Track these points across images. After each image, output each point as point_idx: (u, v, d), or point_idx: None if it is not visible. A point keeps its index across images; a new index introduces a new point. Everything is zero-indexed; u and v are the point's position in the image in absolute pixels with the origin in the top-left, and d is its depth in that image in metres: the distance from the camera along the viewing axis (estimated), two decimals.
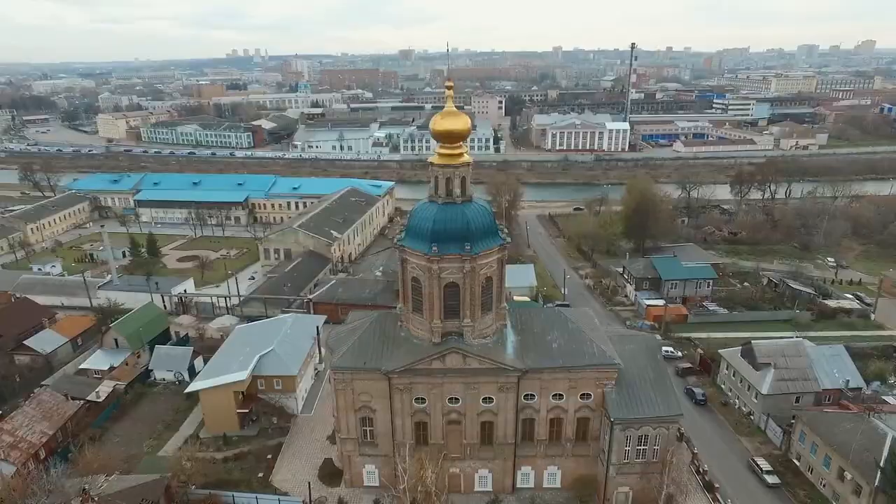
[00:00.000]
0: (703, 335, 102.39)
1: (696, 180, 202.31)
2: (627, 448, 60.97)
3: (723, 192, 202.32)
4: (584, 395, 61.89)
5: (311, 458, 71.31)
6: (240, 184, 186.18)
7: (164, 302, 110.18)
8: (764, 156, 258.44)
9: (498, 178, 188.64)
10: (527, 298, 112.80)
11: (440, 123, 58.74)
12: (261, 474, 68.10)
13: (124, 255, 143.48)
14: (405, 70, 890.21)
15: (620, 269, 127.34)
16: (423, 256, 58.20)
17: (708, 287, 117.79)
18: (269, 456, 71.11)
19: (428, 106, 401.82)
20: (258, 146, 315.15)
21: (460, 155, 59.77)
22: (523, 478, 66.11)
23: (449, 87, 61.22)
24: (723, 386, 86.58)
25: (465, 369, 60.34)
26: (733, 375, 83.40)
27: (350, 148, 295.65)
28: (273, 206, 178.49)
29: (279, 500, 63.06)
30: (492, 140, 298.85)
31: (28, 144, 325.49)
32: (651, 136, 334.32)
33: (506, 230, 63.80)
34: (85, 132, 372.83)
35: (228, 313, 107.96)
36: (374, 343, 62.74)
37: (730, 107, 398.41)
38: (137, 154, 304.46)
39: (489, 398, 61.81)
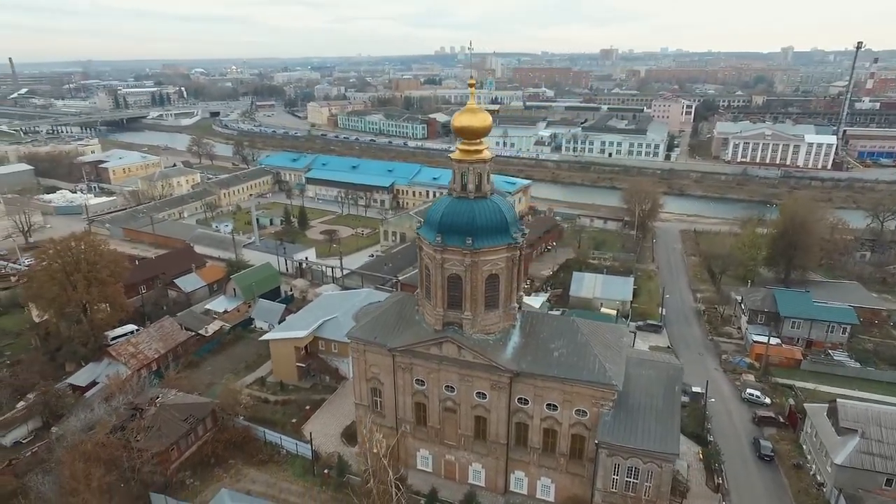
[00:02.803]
0: (812, 386, 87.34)
1: None
2: (615, 477, 57.00)
3: None
4: (579, 411, 59.13)
5: (343, 418, 78.60)
6: (389, 170, 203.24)
7: (286, 265, 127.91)
8: None
9: (638, 184, 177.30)
10: (613, 312, 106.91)
11: (458, 119, 60.79)
12: (294, 420, 77.42)
13: (282, 223, 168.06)
14: (603, 70, 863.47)
15: (739, 298, 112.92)
16: (430, 245, 61.03)
17: (844, 333, 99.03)
18: (308, 407, 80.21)
19: (604, 107, 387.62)
20: (431, 137, 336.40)
21: (478, 152, 61.07)
22: (516, 482, 65.38)
23: (471, 86, 62.92)
24: (804, 445, 73.70)
25: (460, 360, 61.82)
26: (815, 436, 70.61)
27: (512, 145, 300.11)
28: (413, 192, 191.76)
29: (296, 444, 71.50)
30: (662, 146, 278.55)
31: (253, 126, 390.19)
32: (871, 153, 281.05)
33: (522, 228, 62.85)
34: (298, 117, 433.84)
35: (333, 283, 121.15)
36: (390, 321, 67.26)
37: None
38: (330, 138, 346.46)
39: (482, 394, 62.43)
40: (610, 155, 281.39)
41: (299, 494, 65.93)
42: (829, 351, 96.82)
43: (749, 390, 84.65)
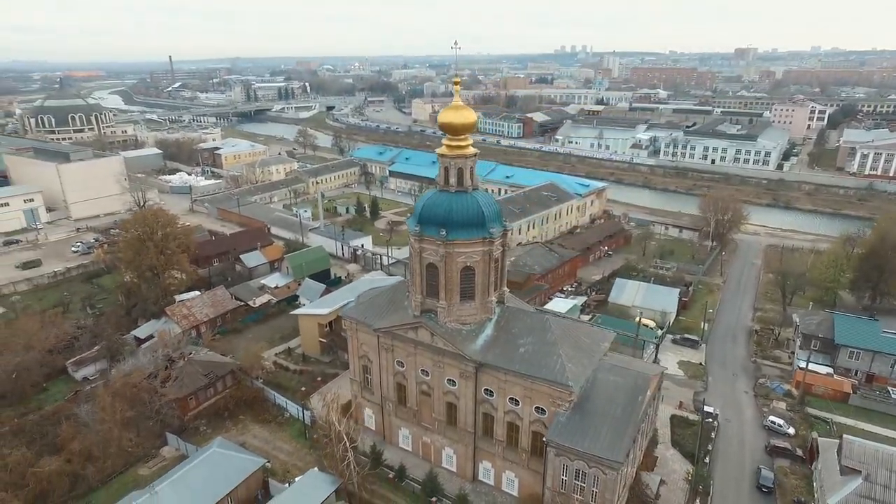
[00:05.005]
0: (853, 423, 78.58)
1: None
2: (564, 477, 56.79)
3: None
4: (538, 408, 59.43)
5: (348, 393, 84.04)
6: None
7: (343, 250, 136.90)
8: None
9: (717, 193, 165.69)
10: (651, 322, 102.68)
11: (442, 115, 63.37)
12: (304, 388, 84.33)
13: (357, 212, 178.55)
14: (734, 70, 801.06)
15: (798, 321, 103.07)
16: (411, 234, 64.35)
17: None
18: (320, 378, 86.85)
19: (717, 110, 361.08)
20: (526, 136, 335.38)
21: (461, 147, 63.16)
22: (484, 472, 66.81)
23: (456, 83, 64.94)
24: (815, 482, 67.19)
25: (432, 346, 64.51)
26: (822, 474, 64.34)
27: (607, 147, 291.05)
28: (485, 190, 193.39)
29: (297, 409, 78.17)
30: (774, 154, 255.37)
31: (361, 120, 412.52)
32: None
33: (504, 224, 63.96)
34: (405, 113, 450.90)
35: (381, 269, 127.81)
36: (382, 304, 71.49)
37: None
38: (428, 134, 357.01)
39: (452, 381, 64.64)
40: (713, 161, 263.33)
41: (288, 453, 72.53)
42: (890, 388, 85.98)
43: (771, 417, 78.20)
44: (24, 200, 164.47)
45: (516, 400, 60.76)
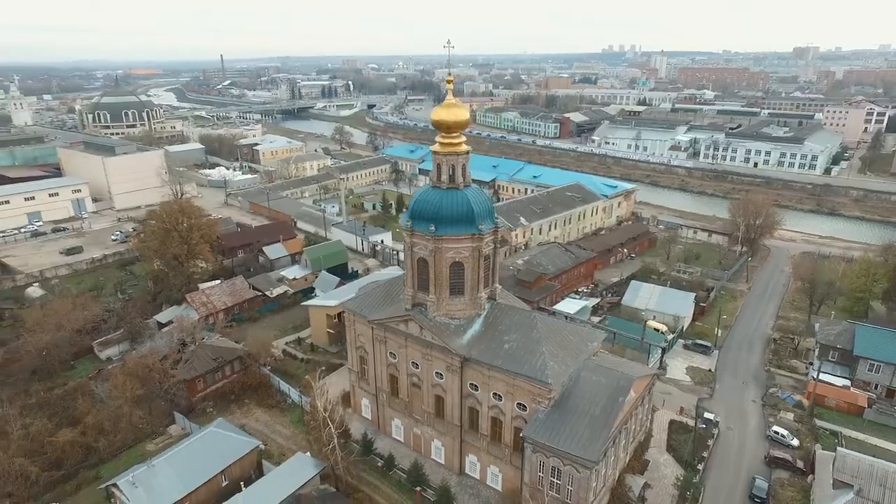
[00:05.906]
0: (864, 437, 75.39)
1: None
2: (541, 474, 57.06)
3: None
4: (520, 404, 59.88)
5: (349, 383, 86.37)
6: (494, 166, 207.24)
7: (362, 245, 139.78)
8: None
9: (751, 196, 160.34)
10: (663, 327, 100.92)
11: (435, 113, 64.54)
12: (307, 376, 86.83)
13: (382, 208, 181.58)
14: (792, 71, 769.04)
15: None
16: (404, 230, 65.81)
17: None
18: (323, 368, 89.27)
19: (764, 112, 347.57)
20: (563, 137, 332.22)
21: (452, 145, 64.30)
22: (471, 466, 67.58)
23: (449, 82, 65.86)
24: (813, 496, 64.99)
25: (421, 339, 65.75)
26: (816, 487, 62.22)
27: (645, 148, 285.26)
28: (513, 189, 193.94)
29: (301, 397, 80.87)
30: (822, 158, 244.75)
31: (399, 118, 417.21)
32: None
33: (496, 221, 64.56)
34: None
35: (398, 265, 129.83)
36: (379, 297, 73.29)
37: None
38: (464, 133, 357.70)
39: (440, 374, 65.73)
40: (755, 165, 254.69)
41: (286, 437, 75.38)
42: None
43: (775, 428, 75.90)
44: (73, 191, 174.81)
45: (499, 395, 61.37)
